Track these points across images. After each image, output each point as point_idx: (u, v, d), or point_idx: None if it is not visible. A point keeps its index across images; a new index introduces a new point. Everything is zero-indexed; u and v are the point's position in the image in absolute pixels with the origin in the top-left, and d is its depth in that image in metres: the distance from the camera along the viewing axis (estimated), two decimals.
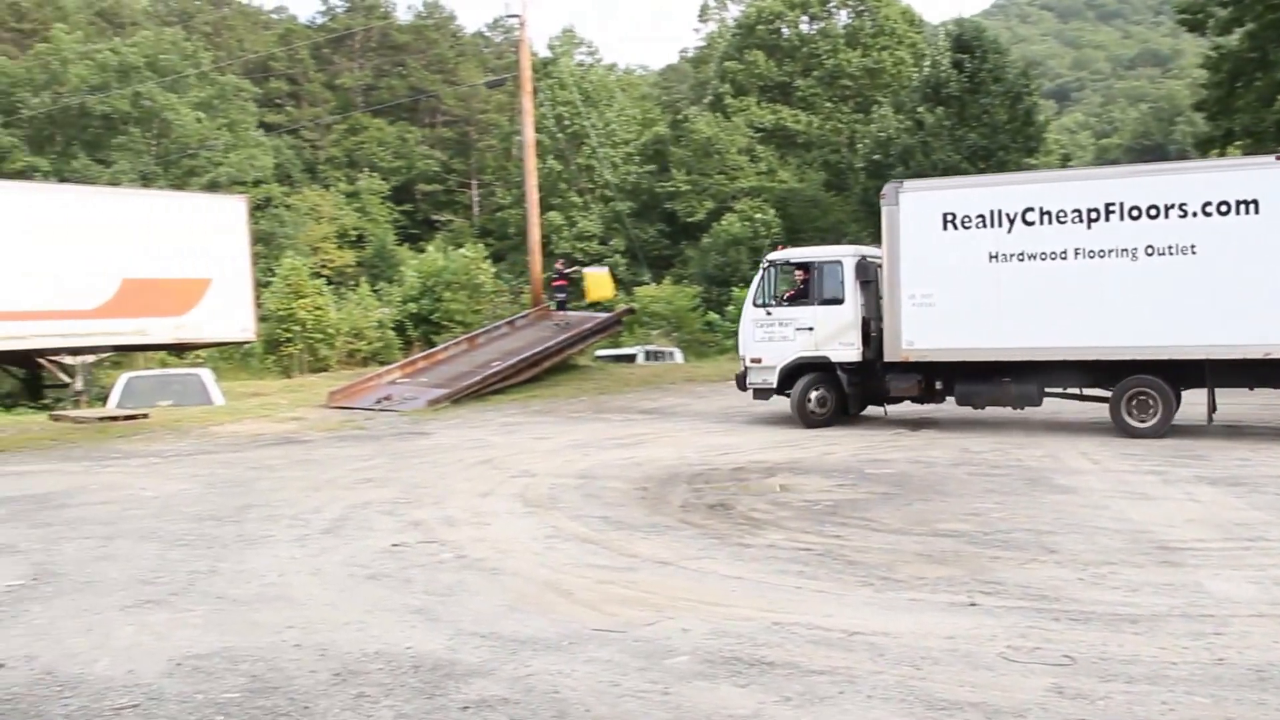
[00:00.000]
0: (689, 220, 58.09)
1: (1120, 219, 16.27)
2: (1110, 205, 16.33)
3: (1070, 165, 50.60)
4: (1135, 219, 16.18)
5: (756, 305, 19.16)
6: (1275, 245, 15.44)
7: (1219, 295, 15.68)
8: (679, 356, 39.26)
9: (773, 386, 18.86)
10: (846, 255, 19.02)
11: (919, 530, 9.74)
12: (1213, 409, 16.30)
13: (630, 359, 37.39)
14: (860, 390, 18.54)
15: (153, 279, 25.64)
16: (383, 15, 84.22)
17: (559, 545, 9.46)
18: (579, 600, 7.61)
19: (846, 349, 18.36)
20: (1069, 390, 17.67)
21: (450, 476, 13.63)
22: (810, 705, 5.49)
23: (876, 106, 53.35)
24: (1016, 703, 5.43)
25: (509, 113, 63.65)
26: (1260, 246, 15.54)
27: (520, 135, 37.97)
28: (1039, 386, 17.25)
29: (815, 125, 59.48)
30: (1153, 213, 16.08)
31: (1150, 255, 16.06)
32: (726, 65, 61.79)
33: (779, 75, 60.96)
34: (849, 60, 59.18)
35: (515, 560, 8.87)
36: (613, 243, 59.59)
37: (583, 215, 59.80)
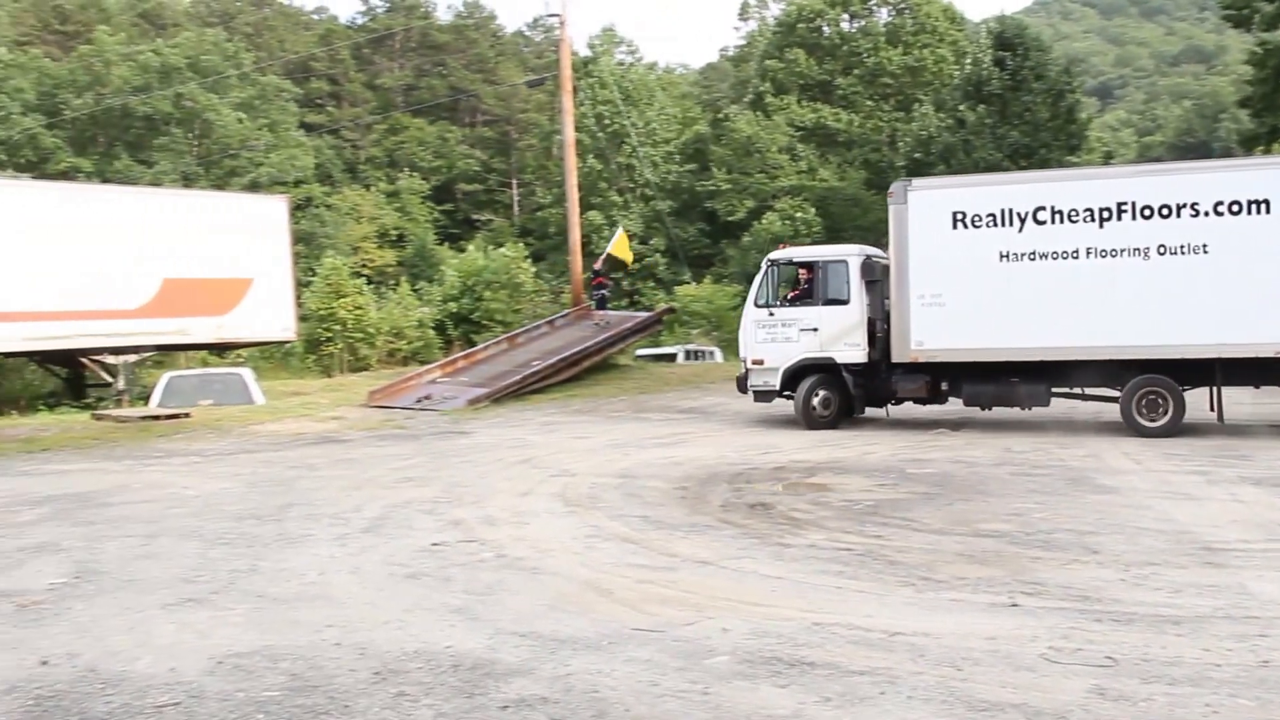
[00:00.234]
0: (729, 219, 58.01)
1: (1133, 218, 16.30)
2: (1122, 204, 16.36)
3: (1112, 163, 50.12)
4: (1147, 218, 16.22)
5: (758, 305, 18.88)
6: None
7: (1231, 294, 15.79)
8: (719, 356, 39.18)
9: (775, 389, 18.63)
10: (851, 254, 18.79)
11: (960, 530, 9.70)
12: (1221, 408, 16.42)
13: (670, 358, 37.38)
14: (865, 392, 18.37)
15: (194, 279, 25.85)
16: (423, 15, 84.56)
17: (599, 545, 9.47)
18: (619, 600, 7.61)
19: (852, 350, 18.14)
20: (1075, 390, 17.62)
21: (490, 476, 13.67)
22: (851, 706, 5.47)
23: (917, 105, 53.11)
24: (1058, 704, 5.40)
25: (549, 112, 63.72)
26: (1271, 246, 15.66)
27: (560, 134, 38.04)
28: (1047, 386, 17.19)
29: (856, 124, 59.24)
30: (1164, 212, 16.13)
31: (1162, 254, 16.12)
32: (767, 64, 61.65)
33: (820, 74, 60.76)
34: (890, 58, 58.91)
35: (555, 559, 8.89)
36: (653, 242, 59.59)
37: (623, 214, 59.79)
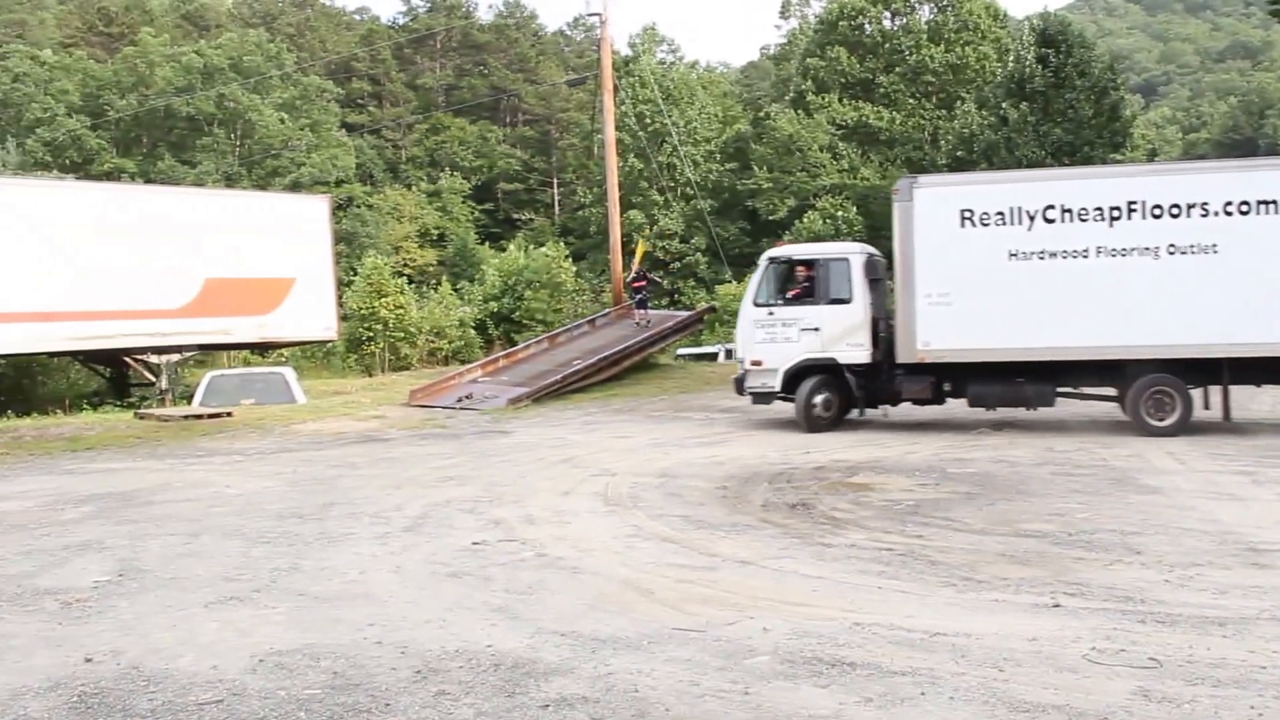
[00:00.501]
0: (770, 218, 57.87)
1: (1143, 217, 16.23)
2: (1133, 203, 16.28)
3: (1157, 160, 49.68)
4: (1157, 217, 16.17)
5: (757, 305, 18.35)
6: None
7: (1240, 294, 15.80)
8: None
9: (775, 390, 18.15)
10: (854, 252, 18.45)
11: (1002, 530, 9.64)
12: (1228, 407, 16.43)
13: (711, 357, 37.34)
14: (866, 393, 18.00)
15: (236, 279, 26.04)
16: (464, 15, 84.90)
17: (639, 544, 9.48)
18: (659, 599, 7.62)
19: (855, 350, 17.77)
20: (1075, 390, 17.52)
21: (531, 475, 13.70)
22: (892, 706, 5.46)
23: (959, 103, 52.77)
24: (1101, 706, 5.36)
25: (590, 111, 63.74)
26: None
27: (601, 134, 38.05)
28: (1053, 386, 17.07)
29: (897, 122, 58.97)
30: (1174, 211, 16.10)
31: (1172, 254, 16.09)
32: (808, 62, 61.46)
33: (861, 72, 60.53)
34: (932, 56, 58.60)
35: (596, 559, 8.91)
36: (694, 241, 59.56)
37: (664, 213, 59.79)
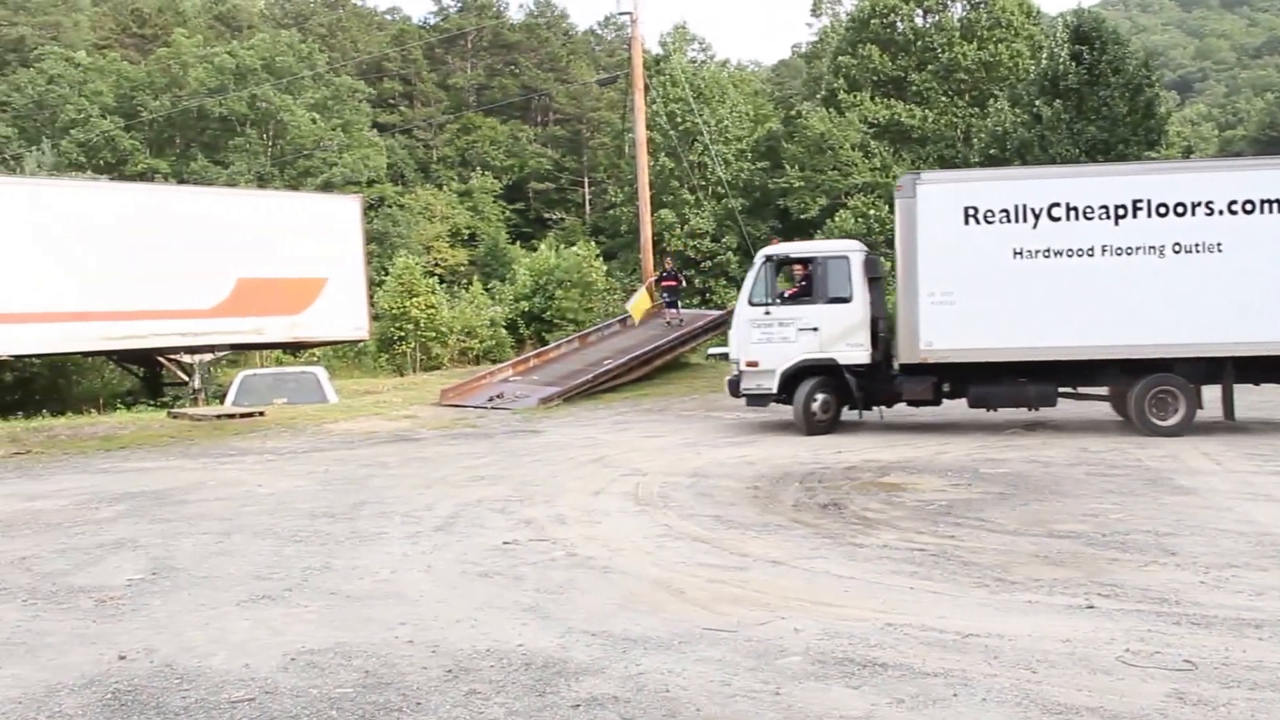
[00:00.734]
0: (802, 217, 57.66)
1: (1148, 216, 16.19)
2: (1138, 202, 16.23)
3: (1193, 157, 49.26)
4: (1163, 216, 16.14)
5: (753, 304, 17.89)
6: None
7: (1245, 292, 15.83)
8: None
9: (772, 392, 17.72)
10: (853, 250, 18.15)
11: (1035, 531, 9.59)
12: (1231, 406, 16.47)
13: None
14: (865, 394, 17.71)
15: (268, 279, 26.18)
16: (495, 15, 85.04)
17: (670, 544, 9.48)
18: (690, 599, 7.61)
19: (855, 350, 17.46)
20: (1077, 390, 17.44)
21: (562, 475, 13.72)
22: (924, 707, 5.43)
23: (992, 100, 52.41)
24: (1136, 708, 5.32)
25: (621, 110, 63.74)
26: None
27: (632, 132, 38.07)
28: (1056, 386, 16.95)
29: (930, 120, 58.65)
30: (1180, 210, 16.09)
31: (1178, 252, 16.07)
32: (840, 60, 61.20)
33: (893, 70, 60.22)
34: (964, 54, 58.23)
35: (626, 559, 8.91)
36: (725, 240, 59.43)
37: (695, 212, 59.68)
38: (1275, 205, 15.84)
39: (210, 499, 12.59)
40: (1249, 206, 15.88)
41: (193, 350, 25.29)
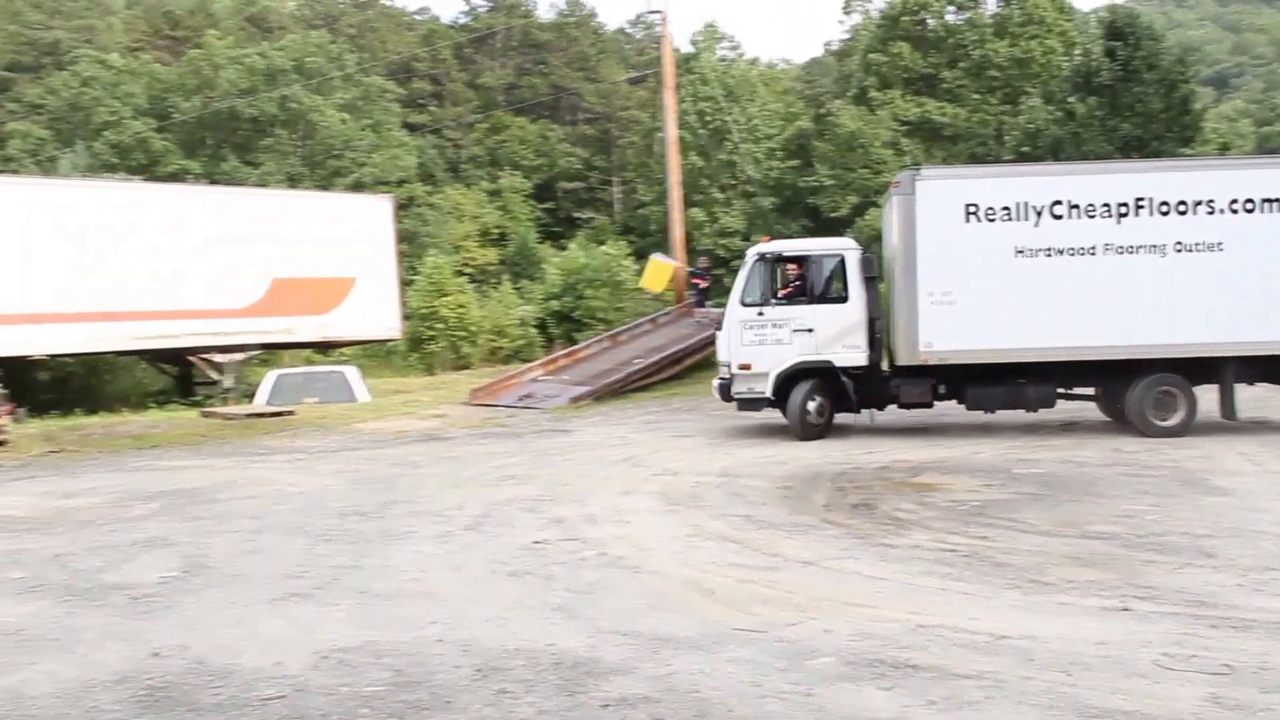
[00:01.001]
0: (832, 215, 57.49)
1: (1150, 214, 16.04)
2: (1140, 200, 16.06)
3: (1229, 154, 48.84)
4: (1165, 214, 16.01)
5: (746, 304, 17.07)
6: None
7: (1246, 292, 15.75)
8: None
9: (766, 396, 16.96)
10: (849, 248, 17.56)
11: (1069, 532, 9.52)
12: (1233, 406, 16.34)
13: None
14: (861, 397, 17.11)
15: (300, 278, 26.32)
16: (524, 14, 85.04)
17: (700, 544, 9.46)
18: (720, 599, 7.59)
19: (852, 352, 16.83)
20: (1071, 390, 17.24)
21: (592, 474, 13.72)
22: (956, 710, 5.40)
23: (1025, 97, 52.15)
24: (1172, 712, 5.27)
25: (651, 109, 63.64)
26: None
27: (662, 131, 38.01)
28: (1054, 387, 16.74)
29: (962, 117, 58.39)
30: (1181, 208, 15.97)
31: (1179, 251, 15.94)
32: (871, 58, 60.98)
33: (925, 67, 59.96)
34: (997, 50, 57.92)
35: (657, 559, 8.90)
36: (755, 238, 59.33)
37: (725, 211, 59.64)
38: (1274, 205, 15.79)
39: (241, 497, 12.67)
40: (1249, 206, 15.81)
41: (225, 350, 25.46)
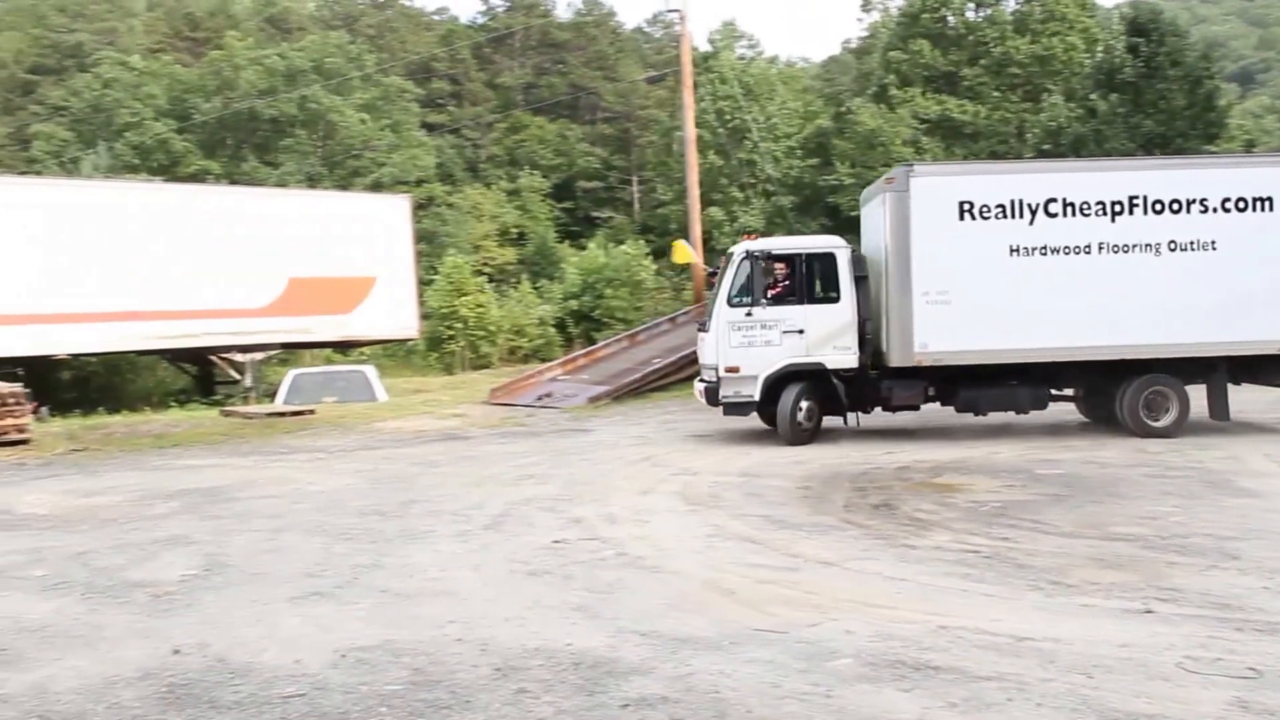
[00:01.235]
0: (852, 214, 57.17)
1: (1144, 212, 15.92)
2: (1134, 198, 15.92)
3: (1255, 151, 48.56)
4: (1159, 213, 15.90)
5: (732, 304, 16.40)
6: None
7: (1239, 291, 15.65)
8: None
9: (753, 400, 16.35)
10: (839, 246, 16.90)
11: (1091, 533, 9.46)
12: (1227, 406, 16.26)
13: None
14: (851, 400, 16.57)
15: (319, 278, 26.38)
16: (543, 14, 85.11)
17: (720, 544, 9.44)
18: (740, 600, 7.57)
19: (843, 354, 16.24)
20: (1061, 391, 17.09)
21: (611, 474, 13.71)
22: (977, 712, 5.36)
23: (1046, 95, 51.93)
24: (1196, 716, 5.23)
25: (669, 108, 63.58)
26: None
27: (681, 130, 37.99)
28: (1047, 389, 16.57)
29: (982, 115, 58.18)
30: (1175, 207, 15.88)
31: (1173, 250, 15.84)
32: (890, 55, 60.78)
33: (945, 64, 59.74)
34: (1017, 47, 57.66)
35: (676, 559, 8.88)
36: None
37: (744, 210, 59.55)
38: (1265, 204, 15.74)
39: (261, 496, 12.70)
40: (1241, 204, 15.74)
41: (245, 349, 25.54)
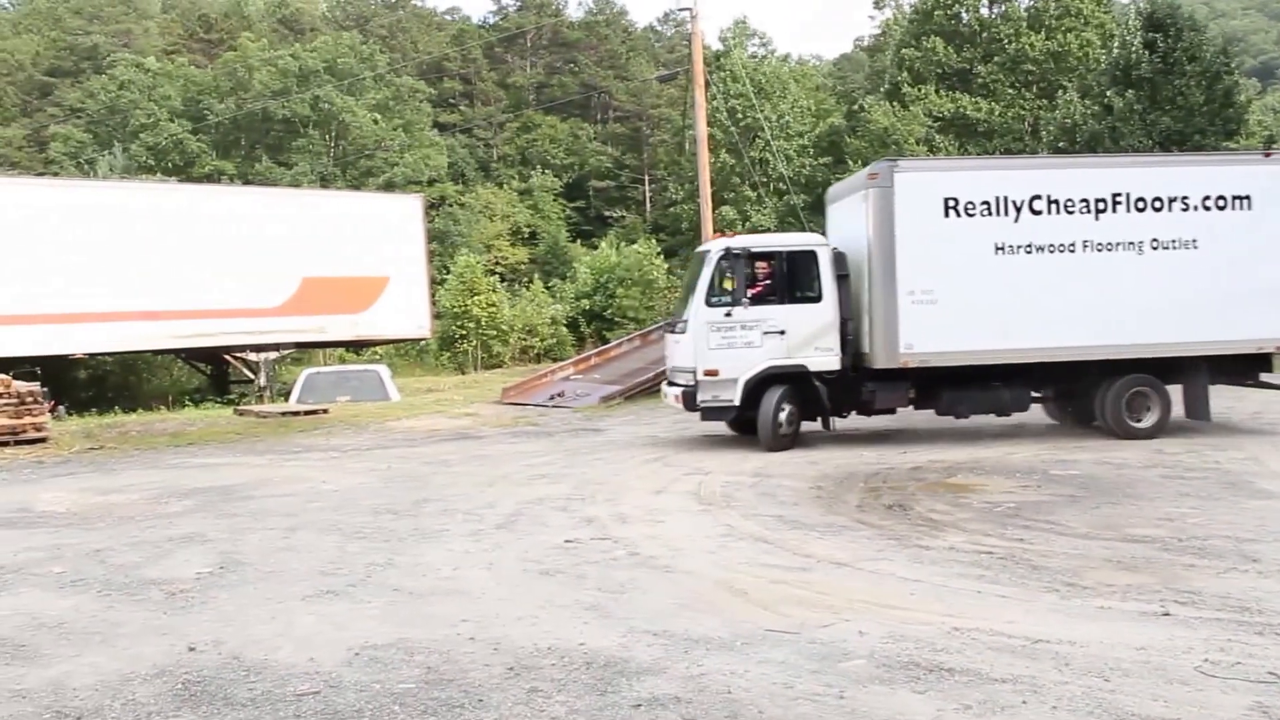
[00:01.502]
0: None
1: (1127, 210, 15.83)
2: (1118, 195, 15.82)
3: (1275, 147, 48.33)
4: (1141, 210, 15.84)
5: (711, 304, 15.67)
6: (1264, 241, 15.74)
7: (1219, 290, 15.65)
8: None
9: (733, 404, 15.64)
10: (819, 244, 16.34)
11: (1108, 535, 9.39)
12: (1208, 406, 16.30)
13: None
14: (833, 404, 16.09)
15: (332, 278, 26.46)
16: (554, 13, 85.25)
17: (732, 544, 9.40)
18: (753, 600, 7.53)
19: (826, 355, 15.69)
20: (1043, 393, 16.93)
21: (623, 473, 13.69)
22: (992, 714, 5.31)
23: (1061, 92, 51.74)
24: None
25: (681, 107, 63.60)
26: (1254, 242, 15.74)
27: (693, 129, 37.95)
28: (1029, 390, 16.37)
29: (996, 113, 58.03)
30: (1157, 205, 15.85)
31: (1156, 249, 15.79)
32: (903, 53, 60.68)
33: (958, 62, 59.61)
34: (1032, 44, 57.50)
35: (688, 558, 8.84)
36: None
37: (756, 209, 59.50)
38: (1243, 202, 15.74)
39: (275, 495, 12.71)
40: (1221, 203, 15.74)
41: (259, 348, 25.62)
